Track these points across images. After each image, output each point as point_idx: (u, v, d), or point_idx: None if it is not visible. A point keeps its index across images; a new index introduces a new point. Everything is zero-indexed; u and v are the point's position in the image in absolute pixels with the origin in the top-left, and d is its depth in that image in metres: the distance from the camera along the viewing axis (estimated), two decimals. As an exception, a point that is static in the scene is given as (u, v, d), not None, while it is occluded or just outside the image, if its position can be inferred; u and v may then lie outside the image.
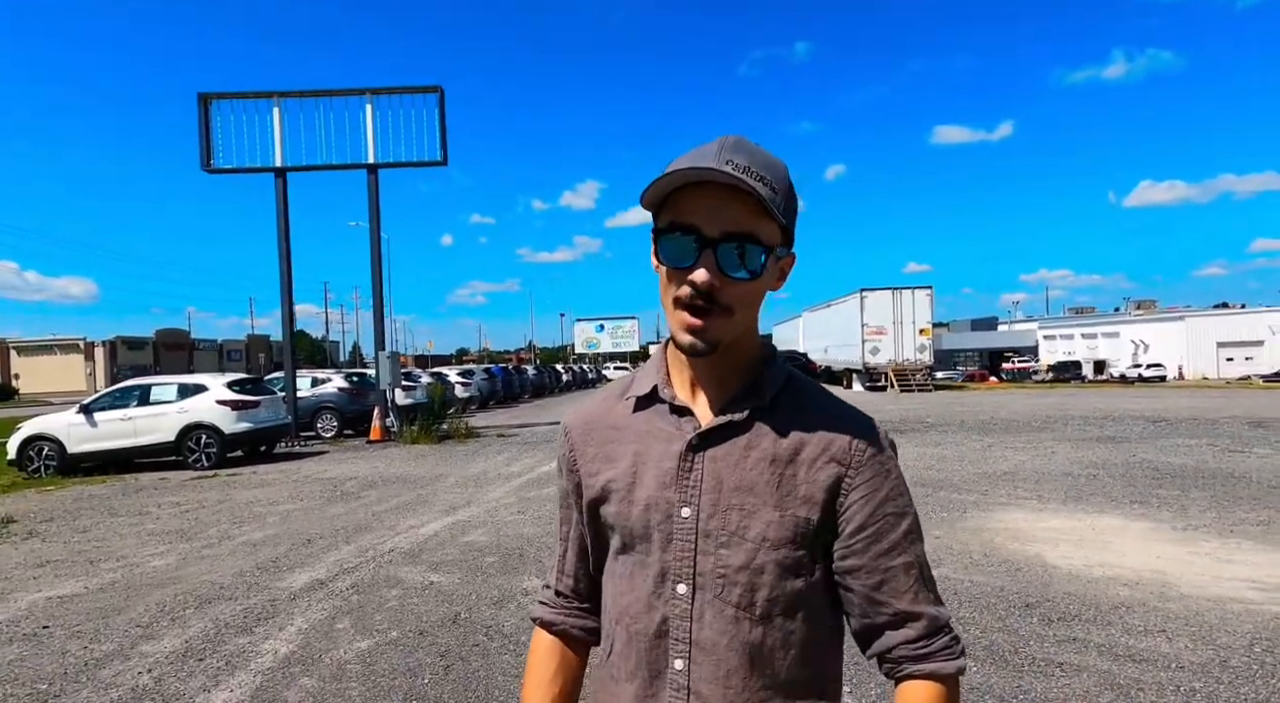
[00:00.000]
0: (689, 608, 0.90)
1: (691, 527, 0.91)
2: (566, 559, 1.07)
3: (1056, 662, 3.63)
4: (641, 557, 0.93)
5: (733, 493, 0.91)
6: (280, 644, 4.27)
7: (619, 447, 0.97)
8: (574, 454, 1.02)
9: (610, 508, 0.96)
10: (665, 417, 0.95)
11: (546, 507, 7.99)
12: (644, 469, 0.94)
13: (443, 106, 16.88)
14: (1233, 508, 6.72)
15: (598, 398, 1.05)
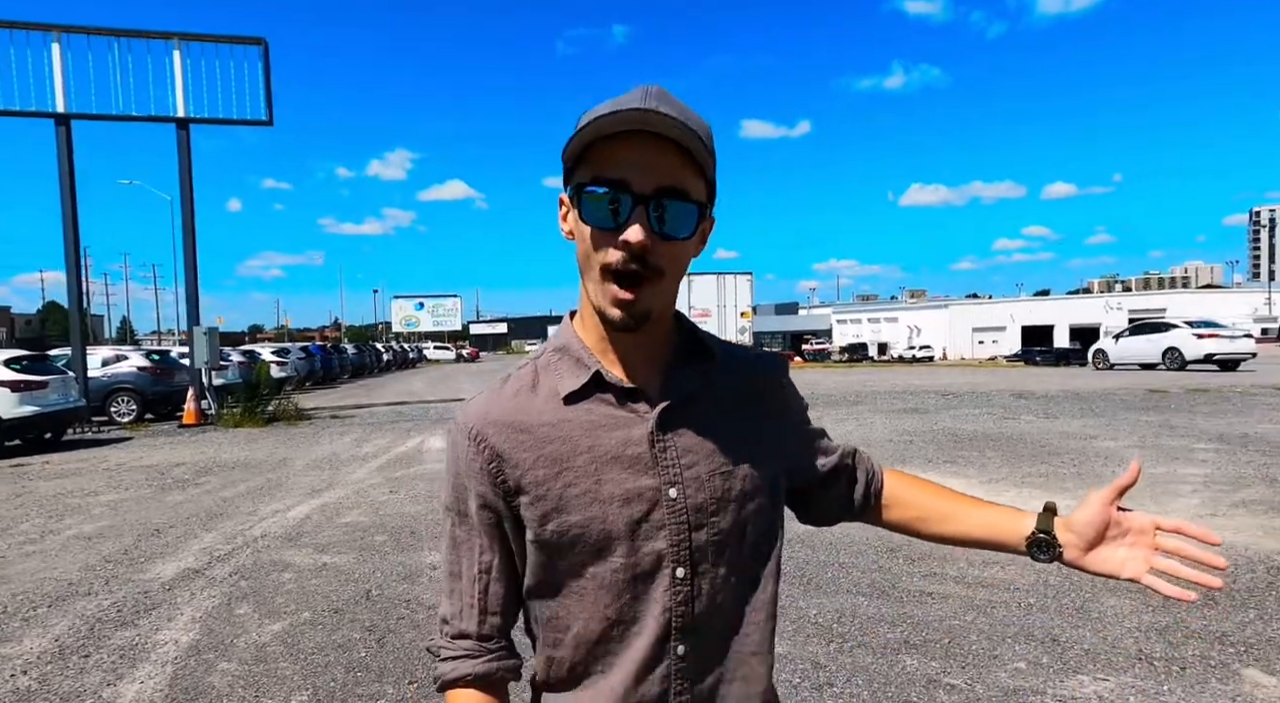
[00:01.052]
0: (689, 590, 0.87)
1: (682, 506, 0.86)
2: (489, 595, 0.89)
3: (926, 592, 4.33)
4: (625, 558, 0.85)
5: (709, 460, 0.89)
6: (178, 634, 3.98)
7: (563, 446, 0.86)
8: (499, 465, 0.86)
9: (574, 517, 0.85)
10: (609, 402, 0.88)
11: (420, 486, 7.84)
12: (607, 465, 0.85)
13: (267, 61, 15.49)
14: (1019, 464, 8.12)
15: (499, 395, 0.90)
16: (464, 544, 0.90)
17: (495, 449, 0.87)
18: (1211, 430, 9.99)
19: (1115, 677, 3.24)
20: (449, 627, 0.91)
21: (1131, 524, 0.95)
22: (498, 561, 0.90)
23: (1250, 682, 3.16)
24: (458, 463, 0.89)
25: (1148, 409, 12.64)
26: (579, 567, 0.86)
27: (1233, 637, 3.60)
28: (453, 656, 0.89)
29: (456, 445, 0.90)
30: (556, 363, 0.91)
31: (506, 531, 0.89)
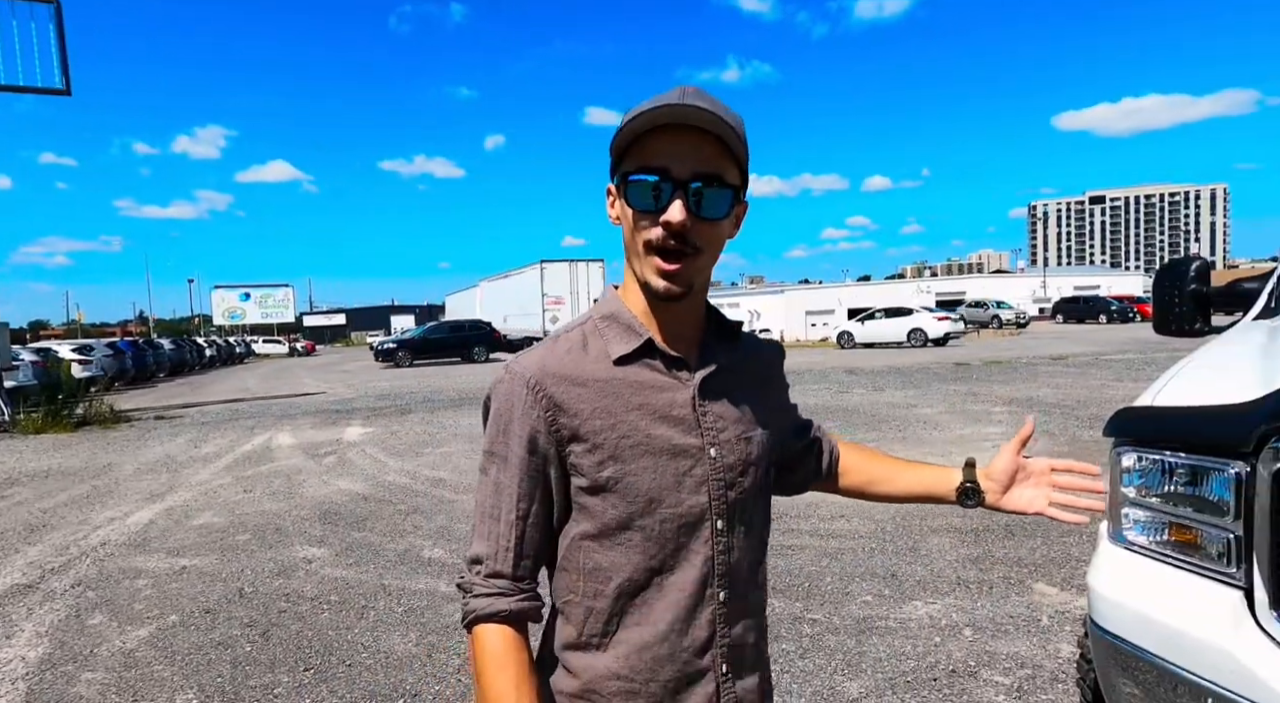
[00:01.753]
0: (727, 541, 0.95)
1: (720, 464, 0.94)
2: (525, 540, 0.93)
3: (786, 545, 4.83)
4: (673, 509, 0.92)
5: (736, 426, 0.98)
6: (23, 650, 3.67)
7: (616, 400, 0.92)
8: (555, 414, 0.91)
9: (630, 465, 0.91)
10: (656, 368, 0.95)
11: (277, 482, 7.48)
12: (656, 422, 0.92)
13: (60, 22, 13.70)
14: (854, 432, 9.03)
15: (553, 351, 0.95)
16: (505, 489, 0.93)
17: (554, 398, 0.91)
18: (1005, 395, 11.59)
19: (941, 600, 3.84)
20: (483, 566, 0.93)
21: (1032, 469, 1.14)
22: (537, 507, 0.93)
23: (1039, 593, 3.87)
24: (511, 410, 0.92)
25: (955, 380, 14.35)
26: (628, 516, 0.91)
27: (1026, 560, 4.35)
28: (487, 593, 0.92)
29: (513, 394, 0.92)
30: (605, 329, 0.96)
31: (551, 478, 0.93)
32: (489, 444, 0.95)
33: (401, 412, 13.00)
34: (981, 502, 1.13)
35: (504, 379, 0.95)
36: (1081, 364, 16.43)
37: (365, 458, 8.66)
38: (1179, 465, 1.70)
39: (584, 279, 30.68)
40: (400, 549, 5.08)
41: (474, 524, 0.96)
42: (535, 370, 0.92)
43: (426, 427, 11.03)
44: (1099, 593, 1.79)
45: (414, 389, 17.54)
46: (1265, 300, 2.59)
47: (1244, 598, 1.52)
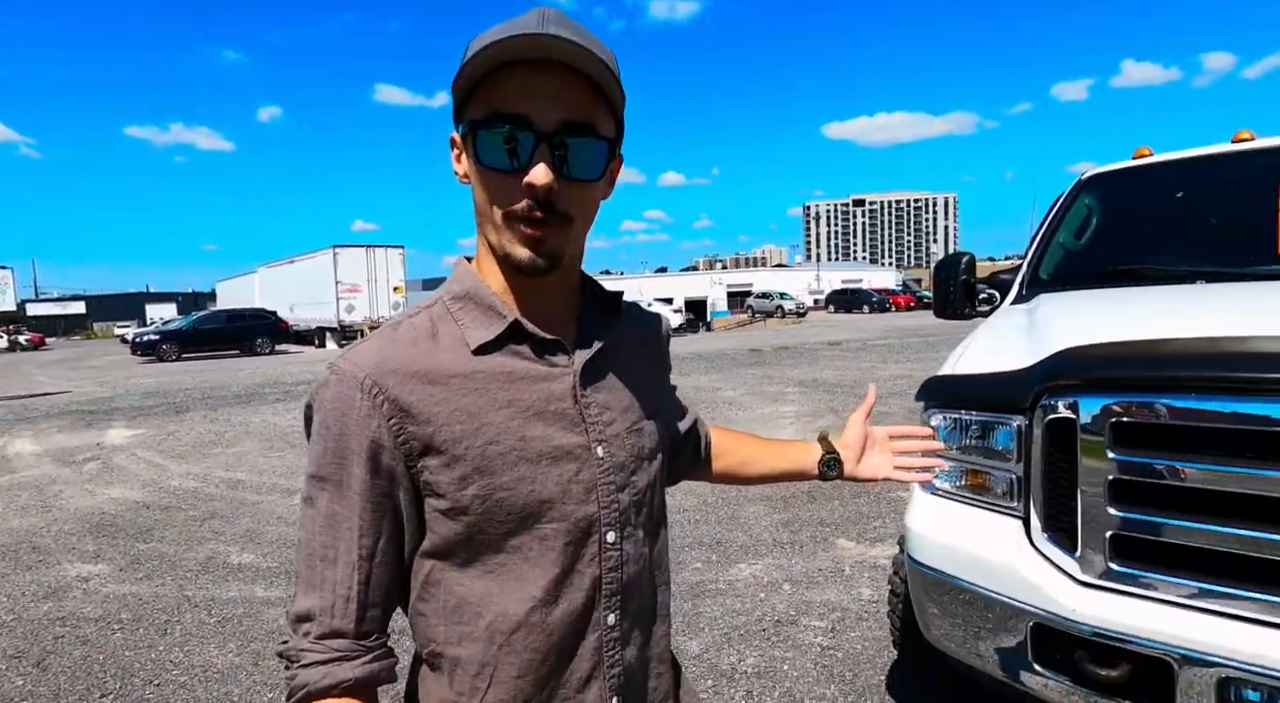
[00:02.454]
0: (619, 554, 0.82)
1: (609, 465, 0.81)
2: (371, 584, 0.76)
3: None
4: (556, 525, 0.78)
5: (623, 417, 0.85)
6: None
7: (479, 399, 0.76)
8: (402, 421, 0.74)
9: (502, 478, 0.75)
10: (526, 355, 0.80)
11: (23, 496, 6.37)
12: (530, 421, 0.77)
13: None
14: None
15: (393, 342, 0.77)
16: (343, 522, 0.74)
17: (399, 402, 0.74)
18: (795, 377, 12.77)
19: (761, 561, 4.22)
20: (315, 625, 0.74)
21: (876, 436, 1.18)
22: (384, 541, 0.76)
23: (841, 547, 4.40)
24: (343, 421, 0.73)
25: (752, 365, 15.54)
26: (501, 538, 0.76)
27: (828, 521, 4.90)
28: (321, 659, 0.73)
29: (342, 399, 0.74)
30: (459, 312, 0.80)
31: (400, 503, 0.76)
32: (315, 468, 0.75)
33: (176, 411, 11.58)
34: (841, 472, 1.14)
35: (329, 382, 0.75)
36: (854, 349, 18.47)
37: (138, 462, 7.64)
38: (973, 422, 2.06)
39: (382, 266, 29.06)
40: (201, 558, 4.59)
41: (298, 571, 0.76)
42: (371, 368, 0.74)
43: (211, 425, 9.94)
44: (914, 531, 2.12)
45: (188, 385, 15.65)
46: (1017, 288, 3.16)
47: (1023, 526, 1.89)
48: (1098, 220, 3.19)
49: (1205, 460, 1.59)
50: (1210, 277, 2.58)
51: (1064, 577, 1.75)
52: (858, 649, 3.14)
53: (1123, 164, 3.29)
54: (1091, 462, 1.72)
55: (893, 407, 9.09)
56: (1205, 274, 2.60)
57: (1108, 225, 3.17)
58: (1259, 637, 1.49)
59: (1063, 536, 1.79)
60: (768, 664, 3.05)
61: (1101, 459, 1.70)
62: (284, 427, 9.62)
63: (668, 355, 1.03)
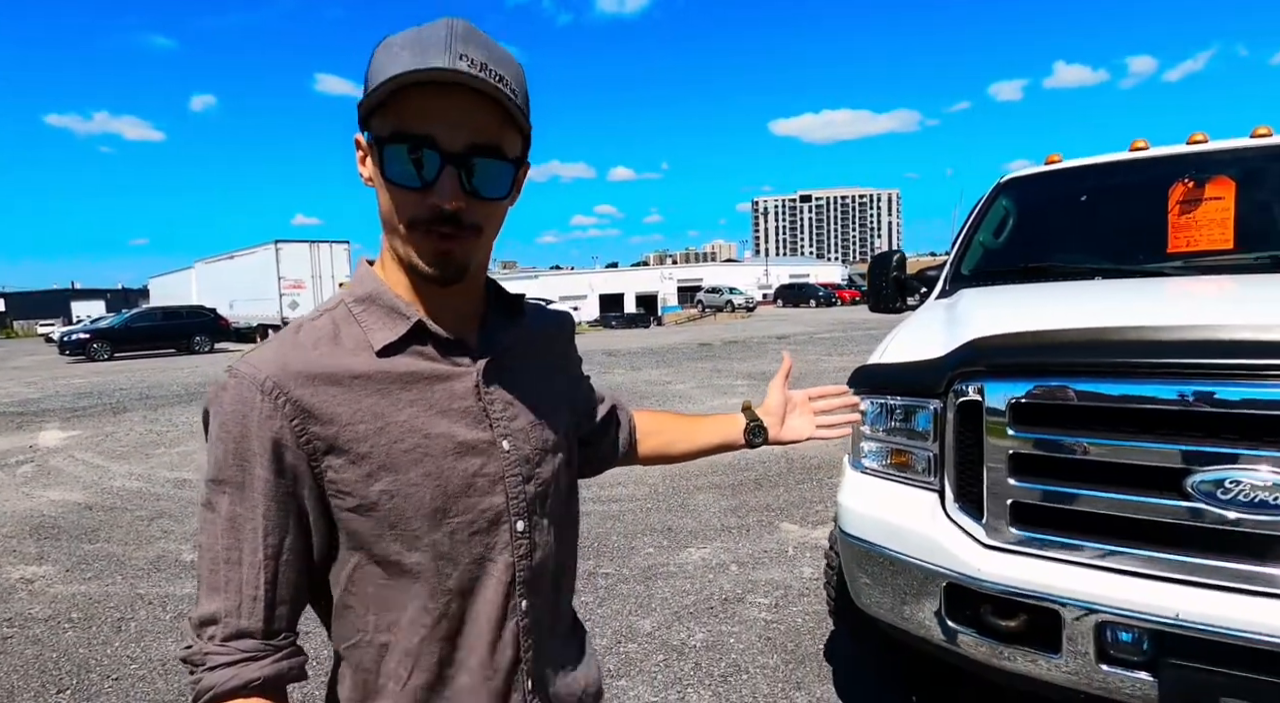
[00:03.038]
0: (528, 543, 0.85)
1: (514, 458, 0.84)
2: (278, 584, 0.76)
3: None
4: (464, 516, 0.81)
5: (527, 412, 0.88)
6: None
7: (382, 400, 0.78)
8: (304, 422, 0.75)
9: (408, 474, 0.78)
10: (430, 355, 0.82)
11: (-44, 499, 6.18)
12: (434, 418, 0.80)
13: None
14: (618, 408, 9.68)
15: (294, 345, 0.79)
16: (246, 524, 0.75)
17: (300, 403, 0.75)
18: (744, 370, 13.09)
19: (710, 544, 4.42)
20: (218, 628, 0.74)
21: (796, 399, 1.24)
22: (290, 540, 0.77)
23: (785, 530, 4.63)
24: (244, 424, 0.75)
25: (702, 358, 15.81)
26: (415, 533, 0.78)
27: (773, 506, 5.13)
28: (229, 661, 0.73)
29: (242, 401, 0.75)
30: (362, 313, 0.82)
31: (305, 503, 0.78)
32: (216, 472, 0.76)
33: (114, 411, 11.24)
34: (766, 438, 1.20)
35: (228, 385, 0.76)
36: (800, 342, 18.94)
37: (77, 464, 7.45)
38: (897, 406, 2.27)
39: (327, 262, 28.45)
40: (151, 557, 4.57)
41: (200, 577, 0.76)
42: (272, 370, 0.76)
43: (152, 426, 9.70)
44: (845, 506, 2.32)
45: (124, 385, 15.14)
46: (941, 286, 3.41)
47: (939, 498, 2.11)
48: (1013, 221, 3.46)
49: (1091, 435, 1.82)
50: (1108, 273, 2.86)
51: (972, 542, 1.97)
52: (799, 623, 3.36)
53: (1036, 169, 3.58)
54: (995, 439, 1.94)
55: (836, 397, 9.42)
56: (1103, 271, 2.88)
57: (1022, 226, 3.44)
58: (1131, 587, 1.73)
59: (972, 505, 2.01)
60: (716, 639, 3.24)
61: (1003, 437, 1.92)
62: (229, 426, 9.46)
63: (574, 349, 1.08)
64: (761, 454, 6.70)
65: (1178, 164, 3.02)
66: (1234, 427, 1.66)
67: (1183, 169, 2.96)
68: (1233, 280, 2.60)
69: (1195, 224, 2.87)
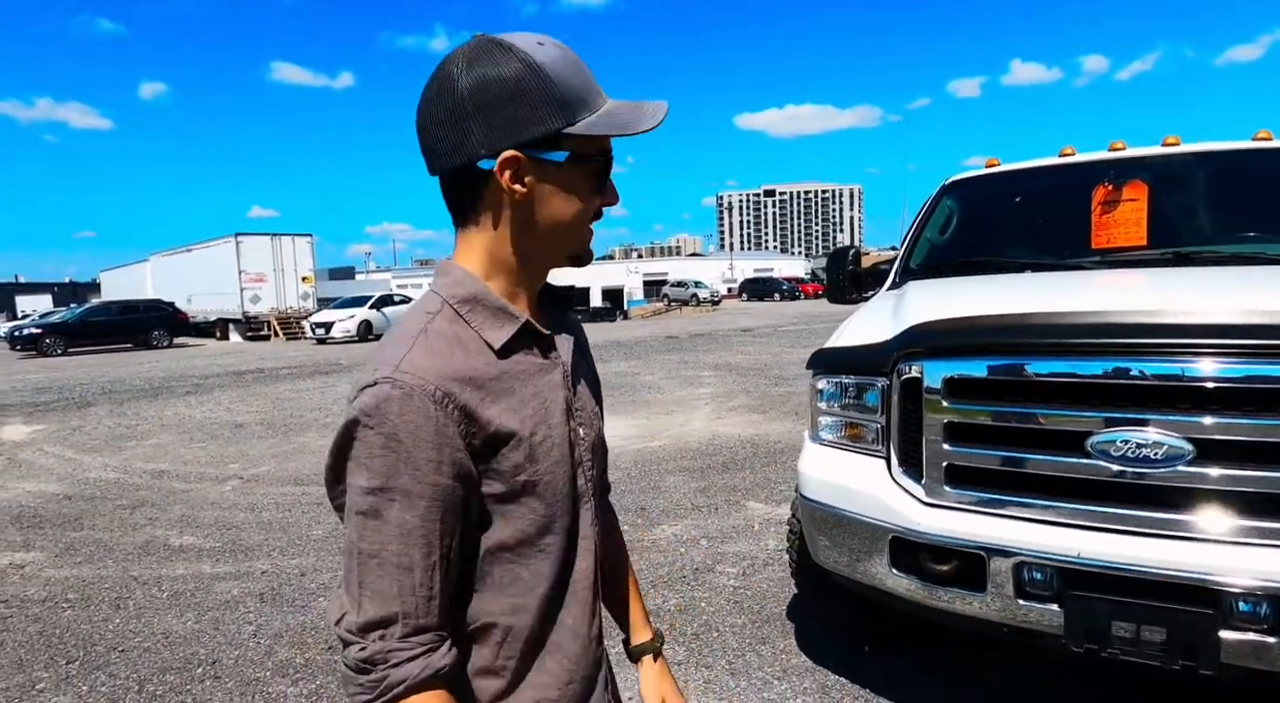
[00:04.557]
0: (601, 520, 0.95)
1: (589, 445, 0.93)
2: (446, 580, 0.80)
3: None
4: (564, 502, 0.87)
5: (589, 401, 0.96)
6: None
7: (514, 397, 0.84)
8: (467, 426, 0.79)
9: (543, 464, 0.85)
10: (532, 351, 0.88)
11: (-71, 491, 6.18)
12: (551, 409, 0.87)
13: None
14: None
15: (435, 352, 0.81)
16: (417, 532, 0.77)
17: (466, 408, 0.79)
18: (710, 362, 13.41)
19: (681, 522, 4.71)
20: (399, 627, 0.77)
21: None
22: (456, 541, 0.81)
23: (751, 508, 4.93)
24: (419, 433, 0.77)
25: (669, 351, 16.11)
26: (548, 519, 0.86)
27: (739, 487, 5.44)
28: (413, 655, 0.77)
29: (418, 411, 0.77)
30: (470, 314, 0.85)
31: (470, 504, 0.82)
32: (383, 481, 0.77)
33: (78, 405, 11.13)
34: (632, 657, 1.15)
35: (392, 397, 0.77)
36: (764, 335, 19.37)
37: (48, 457, 7.45)
38: (850, 384, 2.56)
39: (289, 255, 28.09)
40: (139, 542, 4.69)
41: (361, 582, 0.77)
42: (435, 378, 0.79)
43: (119, 420, 9.66)
44: (804, 474, 2.61)
45: (83, 380, 14.91)
46: (892, 278, 3.72)
47: (885, 464, 2.41)
48: (956, 219, 3.79)
49: (1012, 405, 2.13)
50: (1037, 267, 3.19)
51: (913, 500, 2.27)
52: (764, 588, 3.66)
53: (976, 172, 3.91)
54: (932, 412, 2.24)
55: (799, 387, 9.79)
56: (1034, 265, 3.22)
57: (964, 224, 3.77)
58: (1043, 533, 2.04)
59: (913, 469, 2.31)
60: (688, 603, 3.52)
61: (939, 410, 2.22)
62: (200, 419, 9.48)
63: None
64: (729, 439, 7.01)
65: (1100, 169, 3.37)
66: (1126, 395, 1.98)
67: (1104, 173, 3.31)
68: (1143, 273, 2.95)
69: (1114, 223, 3.22)
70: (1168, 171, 3.30)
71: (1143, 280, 2.81)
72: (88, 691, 2.93)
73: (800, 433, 7.03)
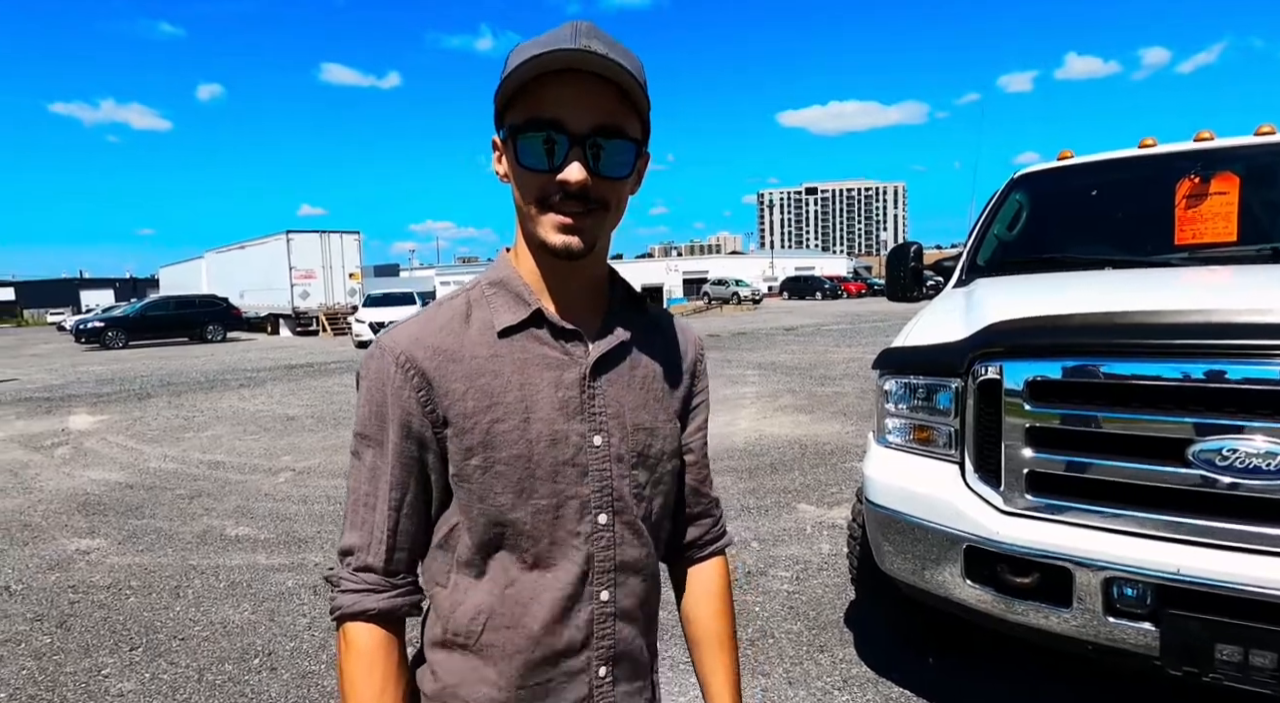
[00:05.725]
0: (612, 536, 0.88)
1: (606, 454, 0.87)
2: (399, 531, 0.86)
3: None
4: (548, 500, 0.85)
5: (634, 414, 0.90)
6: None
7: (494, 380, 0.84)
8: (428, 393, 0.83)
9: (500, 453, 0.83)
10: (546, 341, 0.87)
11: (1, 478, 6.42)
12: (536, 403, 0.85)
13: None
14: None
15: (429, 322, 0.87)
16: (381, 476, 0.85)
17: (426, 375, 0.83)
18: (754, 361, 13.26)
19: (731, 523, 4.61)
20: (353, 559, 0.86)
21: None
22: (411, 496, 0.86)
23: (802, 511, 4.82)
24: (383, 389, 0.84)
25: (712, 349, 15.97)
26: (502, 507, 0.84)
27: (789, 488, 5.33)
28: (355, 589, 0.85)
29: (383, 371, 0.84)
30: (492, 296, 0.88)
31: (429, 464, 0.86)
32: (361, 426, 0.87)
33: (139, 397, 11.49)
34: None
35: (374, 355, 0.86)
36: (808, 334, 19.09)
37: (110, 447, 7.68)
38: (919, 385, 2.45)
39: (338, 252, 28.64)
40: (197, 531, 4.79)
41: (345, 512, 0.89)
42: (407, 344, 0.84)
43: (177, 411, 9.94)
44: (870, 477, 2.51)
45: (143, 372, 15.41)
46: (958, 274, 3.58)
47: (959, 469, 2.29)
48: (1026, 215, 3.63)
49: (1102, 410, 2.00)
50: (1117, 264, 3.03)
51: (990, 508, 2.16)
52: (819, 594, 3.56)
53: (1048, 165, 3.74)
54: (1013, 416, 2.12)
55: (846, 387, 9.62)
56: (1113, 262, 3.05)
57: (1034, 219, 3.61)
58: (1135, 546, 1.91)
59: (990, 475, 2.20)
60: (742, 607, 3.44)
61: (1020, 413, 2.10)
62: (253, 412, 9.69)
63: (701, 372, 1.03)
64: (776, 439, 6.90)
65: (1184, 160, 3.19)
66: (1233, 401, 1.84)
67: (1189, 165, 3.13)
68: (1236, 271, 2.77)
69: (1201, 218, 3.04)
70: (1262, 163, 3.10)
71: (1238, 278, 2.64)
72: (150, 678, 2.98)
73: (850, 434, 6.91)
